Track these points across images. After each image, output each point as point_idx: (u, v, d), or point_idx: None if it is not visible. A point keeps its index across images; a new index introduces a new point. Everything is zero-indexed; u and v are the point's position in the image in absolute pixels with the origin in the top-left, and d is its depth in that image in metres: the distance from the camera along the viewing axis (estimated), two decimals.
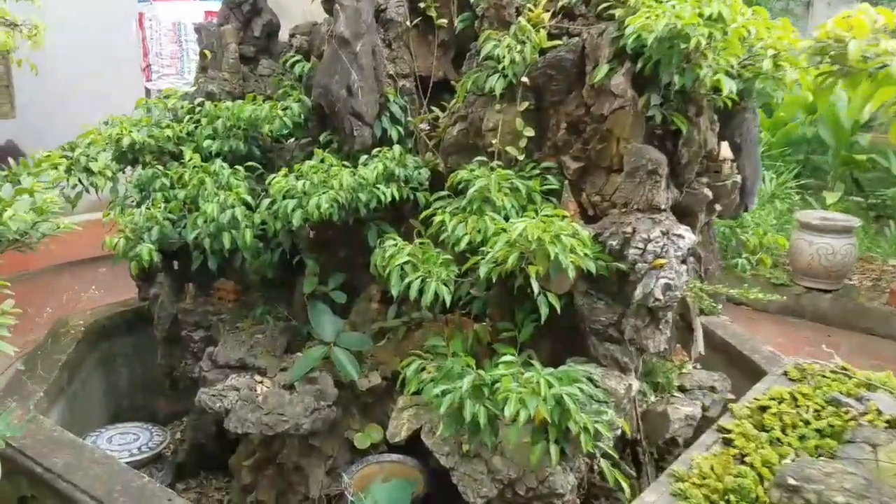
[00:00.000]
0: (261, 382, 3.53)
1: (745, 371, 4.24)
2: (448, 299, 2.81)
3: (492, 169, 3.12)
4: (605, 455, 2.84)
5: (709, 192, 3.16)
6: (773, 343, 4.73)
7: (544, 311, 2.75)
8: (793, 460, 2.10)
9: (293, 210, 3.22)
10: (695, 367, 3.66)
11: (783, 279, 6.65)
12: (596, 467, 3.34)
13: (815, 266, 6.45)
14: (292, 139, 4.19)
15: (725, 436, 2.28)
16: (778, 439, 2.18)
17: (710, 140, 3.18)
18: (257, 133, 3.84)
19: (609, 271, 2.90)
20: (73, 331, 4.34)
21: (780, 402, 2.41)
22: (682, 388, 3.45)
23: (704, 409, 3.41)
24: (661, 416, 3.24)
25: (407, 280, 2.88)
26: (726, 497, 1.89)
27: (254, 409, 3.29)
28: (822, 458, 2.12)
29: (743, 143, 3.45)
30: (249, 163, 3.76)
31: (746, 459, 2.10)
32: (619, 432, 2.84)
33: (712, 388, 3.49)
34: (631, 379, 2.92)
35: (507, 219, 2.96)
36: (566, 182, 3.14)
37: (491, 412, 2.64)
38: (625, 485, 2.67)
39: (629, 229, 2.86)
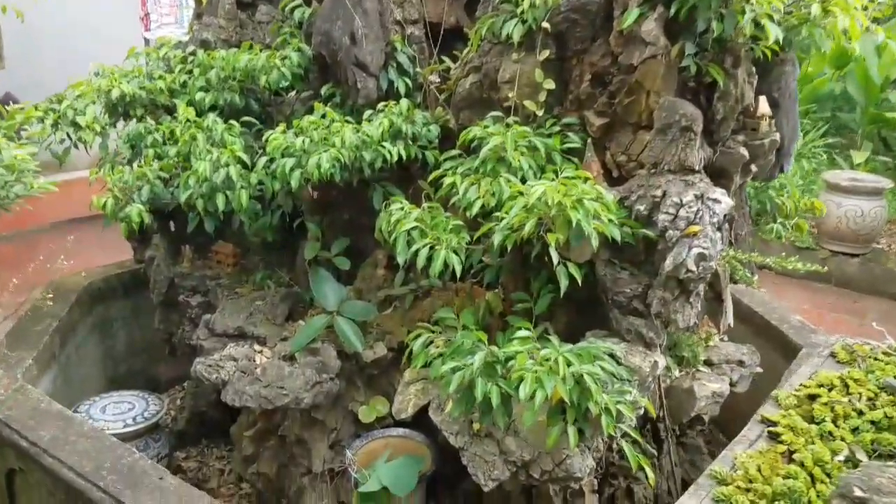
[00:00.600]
0: (260, 352, 3.33)
1: (773, 342, 4.01)
2: (458, 269, 2.58)
3: (507, 125, 2.86)
4: (625, 435, 2.63)
5: (745, 152, 2.89)
6: (797, 310, 4.48)
7: (564, 282, 2.51)
8: (846, 458, 1.88)
9: (291, 170, 2.98)
10: (721, 340, 3.43)
11: (808, 242, 6.36)
12: (615, 445, 3.15)
13: (842, 229, 6.16)
14: (292, 92, 3.93)
15: (771, 429, 2.05)
16: (830, 433, 1.95)
17: (748, 94, 2.90)
18: (254, 85, 3.57)
19: (635, 239, 2.65)
20: (66, 293, 4.15)
21: (829, 390, 2.17)
22: (708, 363, 3.23)
23: (732, 384, 3.20)
24: (687, 393, 3.02)
25: (414, 247, 2.64)
26: (777, 502, 1.67)
27: (252, 381, 3.10)
28: (885, 457, 1.88)
29: (781, 98, 3.16)
30: (246, 118, 3.50)
31: (795, 457, 1.87)
32: (641, 412, 2.63)
33: (740, 363, 3.26)
34: (656, 355, 2.69)
35: (524, 181, 2.71)
36: (589, 140, 2.87)
37: (504, 391, 2.43)
38: (648, 469, 2.46)
39: (659, 192, 2.60)
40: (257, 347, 3.37)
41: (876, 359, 2.51)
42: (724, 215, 2.50)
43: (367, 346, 3.28)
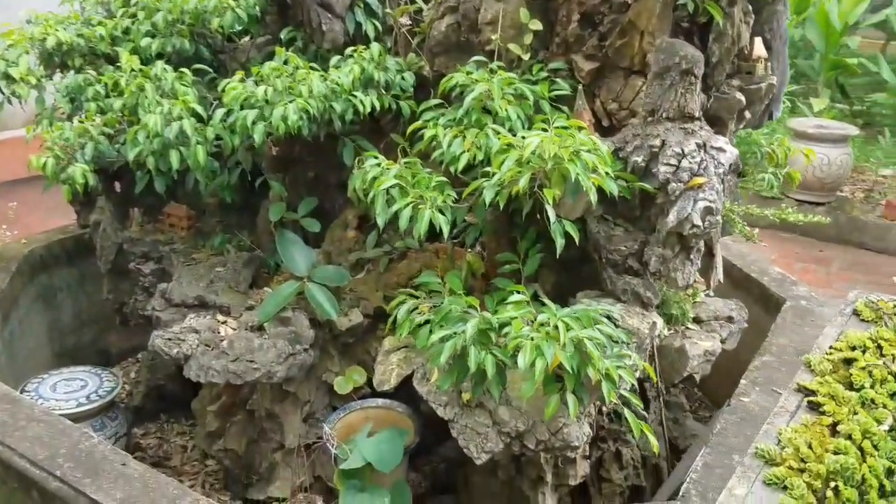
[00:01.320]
0: (224, 323, 3.08)
1: (754, 296, 3.93)
2: (446, 230, 2.37)
3: (492, 71, 2.63)
4: (623, 400, 2.50)
5: (741, 97, 2.72)
6: (766, 261, 4.41)
7: (560, 241, 2.32)
8: (891, 427, 1.76)
9: (254, 123, 2.70)
10: (707, 295, 3.31)
11: (773, 192, 6.32)
12: (604, 409, 3.03)
13: (808, 178, 6.12)
14: (247, 37, 3.61)
15: (811, 398, 1.92)
16: (872, 400, 1.83)
17: (744, 35, 2.73)
18: (205, 29, 3.25)
19: (631, 193, 2.48)
20: (5, 263, 3.81)
21: (863, 352, 2.05)
22: (696, 320, 3.10)
23: (722, 341, 3.08)
24: (679, 353, 2.89)
25: (395, 207, 2.42)
26: (831, 483, 1.54)
27: (218, 354, 2.86)
28: None
29: (773, 40, 2.99)
30: (198, 65, 3.19)
31: (841, 429, 1.74)
32: (638, 375, 2.50)
33: (729, 319, 3.15)
34: (654, 316, 2.55)
35: (511, 132, 2.50)
36: (580, 87, 2.66)
37: (500, 361, 2.25)
38: (651, 436, 2.33)
39: (657, 142, 2.42)
40: (220, 318, 3.12)
41: None
42: (730, 165, 2.34)
43: (342, 313, 3.07)
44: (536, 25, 2.66)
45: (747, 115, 2.88)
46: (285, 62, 2.91)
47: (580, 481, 2.81)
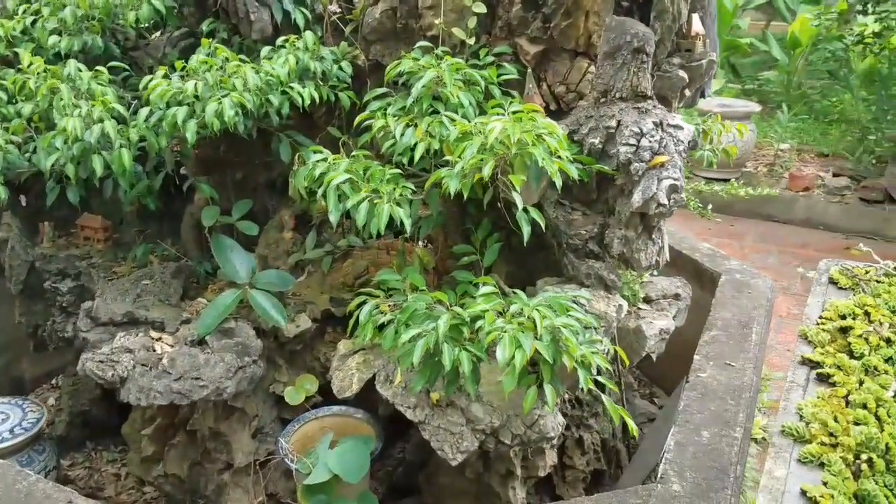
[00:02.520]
0: (159, 340, 2.86)
1: (688, 272, 3.99)
2: (408, 223, 2.26)
3: (438, 57, 2.53)
4: (601, 388, 2.46)
5: (684, 75, 2.73)
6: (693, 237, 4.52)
7: (526, 229, 2.25)
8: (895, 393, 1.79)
9: (185, 121, 2.50)
10: (651, 275, 3.34)
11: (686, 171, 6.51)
12: (567, 396, 3.00)
13: None
14: (157, 32, 3.37)
15: (819, 371, 1.92)
16: (875, 367, 1.85)
17: (684, 12, 2.73)
18: (117, 25, 2.99)
19: (588, 175, 2.44)
20: None
21: (854, 319, 2.08)
22: (646, 300, 3.11)
23: (672, 318, 3.11)
24: (636, 334, 2.89)
25: (350, 202, 2.29)
26: (863, 456, 1.53)
27: (159, 374, 2.64)
28: None
29: (704, 17, 3.02)
30: (114, 63, 2.93)
31: (853, 399, 1.75)
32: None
33: (676, 296, 3.17)
34: (619, 299, 2.53)
35: (465, 119, 2.41)
36: (529, 70, 2.60)
37: (475, 356, 2.17)
38: (629, 421, 2.30)
39: (613, 123, 2.39)
40: (154, 334, 2.89)
41: (878, 281, 2.44)
42: (688, 142, 2.33)
43: (289, 319, 2.90)
44: (480, 8, 2.58)
45: (687, 93, 2.90)
46: (209, 54, 2.72)
47: (548, 472, 2.78)
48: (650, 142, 2.28)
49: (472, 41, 2.61)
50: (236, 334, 2.80)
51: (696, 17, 2.81)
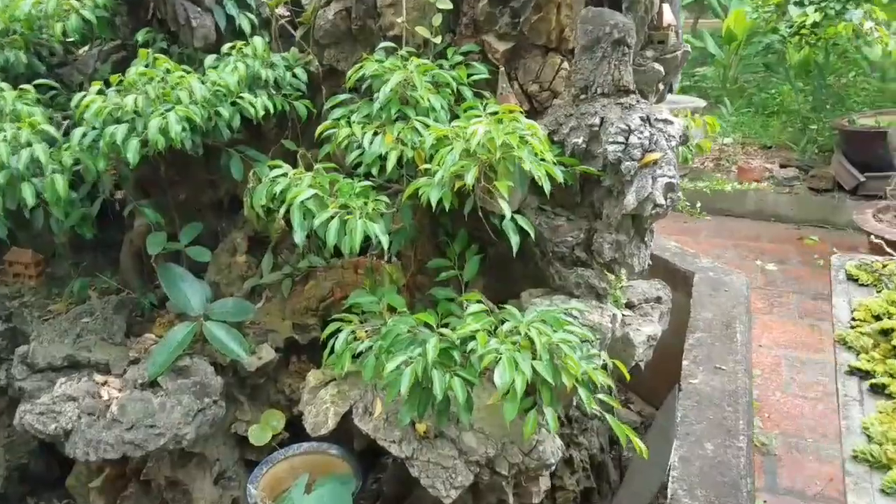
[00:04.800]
0: (105, 384, 2.57)
1: (658, 271, 3.88)
2: (384, 240, 2.05)
3: (404, 59, 2.32)
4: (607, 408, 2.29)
5: (660, 68, 2.60)
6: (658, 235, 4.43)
7: (515, 238, 2.07)
8: None
9: (125, 140, 2.23)
10: (629, 278, 3.20)
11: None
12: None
13: None
14: (86, 47, 3.08)
15: (872, 381, 1.77)
16: None
17: (655, 2, 2.60)
18: (41, 39, 2.70)
19: (572, 178, 2.28)
20: None
21: (891, 319, 1.95)
22: (628, 305, 2.97)
23: None
24: (623, 342, 2.73)
25: (318, 220, 2.06)
26: None
27: (108, 424, 2.36)
28: None
29: (673, 6, 2.91)
30: (41, 80, 2.64)
31: None
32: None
33: (658, 300, 3.04)
34: (612, 307, 2.37)
35: (437, 123, 2.21)
36: (501, 69, 2.42)
37: (468, 382, 1.97)
38: (636, 440, 2.14)
39: (596, 120, 2.23)
40: (100, 378, 2.60)
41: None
42: (679, 136, 2.19)
43: (249, 350, 2.65)
44: (446, 4, 2.39)
45: (660, 86, 2.77)
46: (149, 66, 2.45)
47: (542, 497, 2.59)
48: (639, 139, 2.13)
49: (437, 40, 2.42)
50: (192, 372, 2.54)
51: (666, 7, 2.68)
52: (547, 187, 2.02)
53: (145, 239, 2.82)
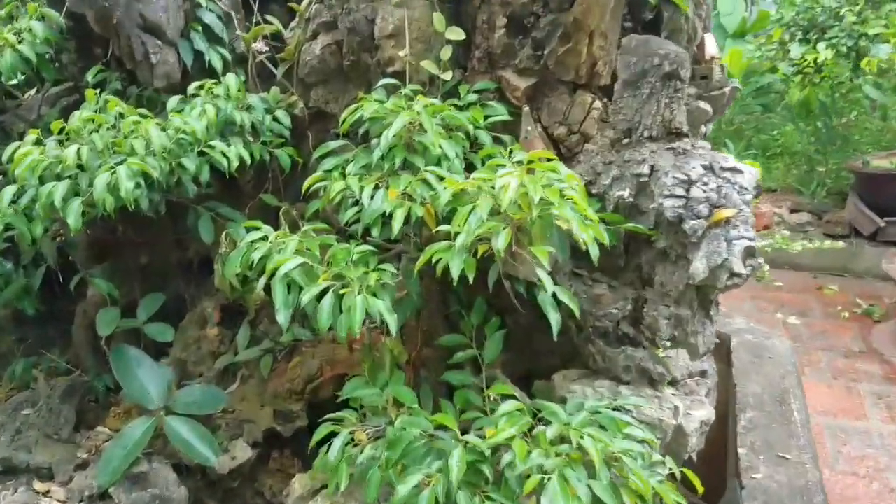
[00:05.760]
0: (47, 494, 2.10)
1: None
2: (391, 320, 1.62)
3: (409, 98, 1.92)
4: None
5: (707, 107, 2.22)
6: None
7: (555, 317, 1.66)
8: None
9: (65, 200, 1.80)
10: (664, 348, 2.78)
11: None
12: None
13: None
14: (32, 90, 2.67)
15: None
16: None
17: (699, 31, 2.24)
18: None
19: (617, 238, 1.87)
20: None
21: None
22: (671, 382, 2.54)
23: None
24: (676, 433, 2.30)
25: (307, 297, 1.63)
26: None
27: None
28: None
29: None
30: None
31: None
32: None
33: (703, 373, 2.61)
34: (671, 397, 1.94)
35: (453, 174, 1.80)
36: (525, 109, 2.02)
37: None
38: None
39: (644, 169, 1.83)
40: (40, 487, 2.14)
41: None
42: (754, 188, 1.79)
43: (221, 449, 2.19)
44: (456, 34, 2.00)
45: (704, 129, 2.39)
46: (100, 109, 2.03)
47: None
48: (704, 191, 1.73)
49: (446, 76, 2.02)
50: (151, 481, 2.07)
51: (709, 37, 2.32)
52: (595, 253, 1.60)
53: None
